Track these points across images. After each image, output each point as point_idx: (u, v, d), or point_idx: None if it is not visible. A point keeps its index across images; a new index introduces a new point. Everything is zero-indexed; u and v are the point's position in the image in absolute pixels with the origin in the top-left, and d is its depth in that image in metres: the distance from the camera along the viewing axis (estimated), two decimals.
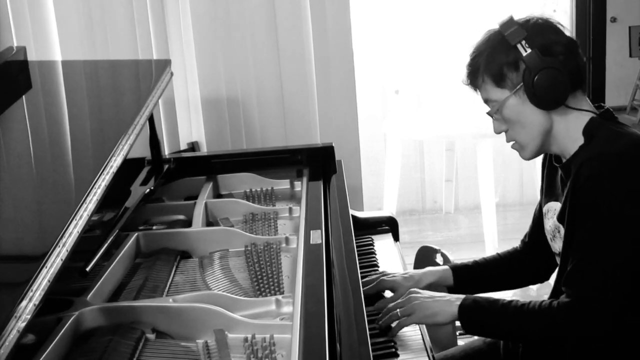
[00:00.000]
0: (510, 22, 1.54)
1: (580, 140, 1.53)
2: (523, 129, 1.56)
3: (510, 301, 1.54)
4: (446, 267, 1.81)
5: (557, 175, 1.64)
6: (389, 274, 1.78)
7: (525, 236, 1.82)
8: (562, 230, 1.55)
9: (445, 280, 1.79)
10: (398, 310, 1.59)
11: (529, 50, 1.49)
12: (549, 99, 1.51)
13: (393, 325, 1.59)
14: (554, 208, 1.63)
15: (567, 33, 1.56)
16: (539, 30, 1.52)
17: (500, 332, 1.58)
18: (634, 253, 1.45)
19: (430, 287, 1.74)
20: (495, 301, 1.55)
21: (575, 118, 1.54)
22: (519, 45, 1.50)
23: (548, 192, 1.69)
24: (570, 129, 1.55)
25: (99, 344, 1.28)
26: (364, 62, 4.09)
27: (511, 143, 1.62)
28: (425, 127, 4.19)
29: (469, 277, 1.80)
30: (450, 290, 1.79)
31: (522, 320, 1.51)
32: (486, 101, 1.60)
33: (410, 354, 1.55)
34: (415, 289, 1.65)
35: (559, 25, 1.55)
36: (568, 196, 1.52)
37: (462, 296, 1.57)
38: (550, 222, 1.65)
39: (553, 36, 1.52)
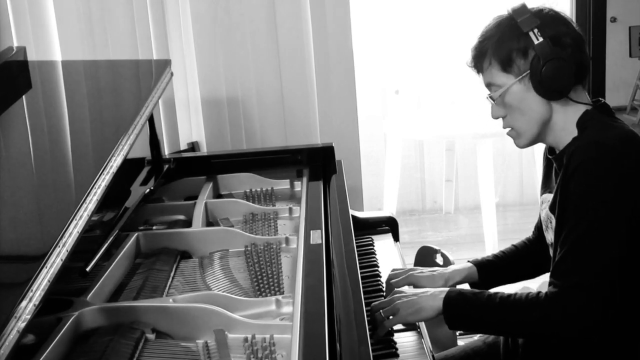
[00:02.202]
0: (523, 9, 1.55)
1: (574, 133, 1.55)
2: (523, 116, 1.58)
3: (496, 293, 1.53)
4: (470, 264, 1.81)
5: (552, 167, 1.65)
6: (419, 270, 1.78)
7: (535, 226, 1.84)
8: (554, 221, 1.56)
9: (471, 277, 1.80)
10: (381, 310, 1.58)
11: (540, 39, 1.51)
12: (553, 89, 1.53)
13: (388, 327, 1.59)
14: (547, 199, 1.64)
15: (576, 28, 1.58)
16: (551, 21, 1.54)
17: (485, 324, 1.56)
18: (620, 242, 1.45)
19: (456, 285, 1.76)
20: (481, 293, 1.54)
21: (573, 111, 1.56)
22: (530, 33, 1.52)
23: (544, 184, 1.71)
24: (567, 121, 1.57)
25: (99, 344, 1.28)
26: (364, 62, 4.09)
27: (507, 130, 1.64)
28: (425, 127, 4.20)
29: (492, 271, 1.81)
30: (474, 286, 1.80)
31: (508, 311, 1.50)
32: (488, 85, 1.61)
33: (410, 354, 1.55)
34: (399, 290, 1.65)
35: (568, 19, 1.57)
36: (559, 185, 1.53)
37: (447, 289, 1.57)
38: (544, 213, 1.66)
39: (564, 28, 1.54)
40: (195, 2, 2.55)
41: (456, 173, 4.60)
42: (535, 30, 1.51)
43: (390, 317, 1.57)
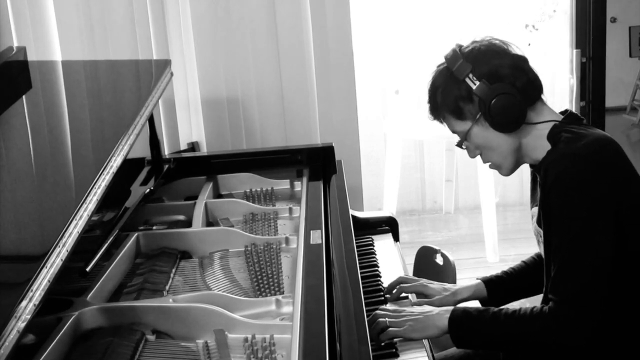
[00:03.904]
0: (454, 56, 1.57)
1: (548, 146, 1.56)
2: (493, 152, 1.61)
3: (501, 309, 1.53)
4: (478, 281, 1.82)
5: (537, 180, 1.66)
6: (430, 282, 1.80)
7: None
8: (543, 235, 1.57)
9: (480, 294, 1.80)
10: (387, 319, 1.57)
11: (477, 83, 1.53)
12: (508, 122, 1.55)
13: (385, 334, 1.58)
14: (536, 213, 1.65)
15: (514, 50, 1.58)
16: (482, 59, 1.55)
17: (492, 341, 1.56)
18: (606, 254, 1.45)
19: (464, 301, 1.77)
20: (486, 310, 1.54)
21: (541, 129, 1.57)
22: (467, 79, 1.54)
23: (532, 197, 1.73)
24: (537, 140, 1.58)
25: (99, 345, 1.28)
26: (364, 62, 4.09)
27: (488, 164, 1.66)
28: (425, 127, 4.19)
29: (501, 287, 1.81)
30: (484, 303, 1.80)
31: (514, 326, 1.50)
32: (453, 132, 1.64)
33: (411, 354, 1.54)
34: (404, 308, 1.65)
35: (503, 45, 1.58)
36: (541, 201, 1.54)
37: (451, 308, 1.57)
38: (533, 228, 1.67)
39: (497, 61, 1.55)
40: (195, 2, 2.55)
41: (456, 173, 4.60)
42: (470, 75, 1.53)
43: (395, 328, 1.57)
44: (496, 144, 1.58)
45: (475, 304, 1.81)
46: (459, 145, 1.64)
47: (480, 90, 1.53)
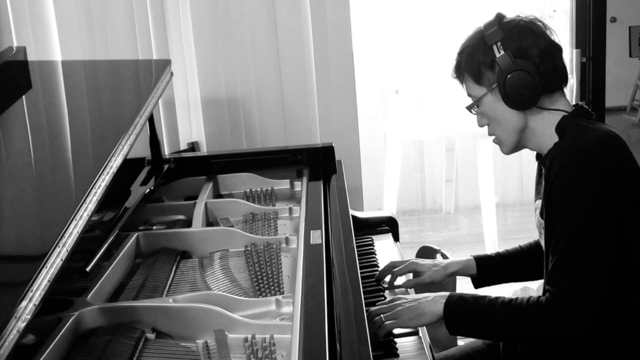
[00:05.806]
0: (492, 22, 1.58)
1: (555, 138, 1.57)
2: (499, 125, 1.62)
3: (497, 297, 1.54)
4: (470, 257, 1.83)
5: (542, 172, 1.66)
6: (420, 259, 1.83)
7: None
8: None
9: (468, 270, 1.83)
10: (382, 315, 1.58)
11: (502, 52, 1.54)
12: (519, 100, 1.56)
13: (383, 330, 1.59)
14: (539, 205, 1.65)
15: (553, 36, 1.59)
16: (517, 33, 1.56)
17: (486, 329, 1.56)
18: (607, 247, 1.45)
19: (454, 275, 1.82)
20: (482, 297, 1.55)
21: (551, 117, 1.58)
22: (494, 47, 1.55)
23: (536, 189, 1.73)
24: (545, 127, 1.59)
25: (99, 343, 1.28)
26: (364, 62, 4.09)
27: (492, 138, 1.68)
28: (425, 127, 4.19)
29: (492, 267, 1.83)
30: (474, 280, 1.82)
31: (509, 316, 1.51)
32: (469, 95, 1.66)
33: (410, 354, 1.54)
34: (398, 296, 1.66)
35: (543, 28, 1.58)
36: (544, 193, 1.55)
37: (447, 293, 1.57)
38: (536, 220, 1.67)
39: (530, 40, 1.56)
40: (195, 2, 2.55)
41: (456, 173, 4.60)
42: (498, 44, 1.55)
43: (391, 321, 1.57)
44: (504, 118, 1.60)
45: (469, 288, 1.82)
46: (469, 108, 1.65)
47: (502, 60, 1.54)
